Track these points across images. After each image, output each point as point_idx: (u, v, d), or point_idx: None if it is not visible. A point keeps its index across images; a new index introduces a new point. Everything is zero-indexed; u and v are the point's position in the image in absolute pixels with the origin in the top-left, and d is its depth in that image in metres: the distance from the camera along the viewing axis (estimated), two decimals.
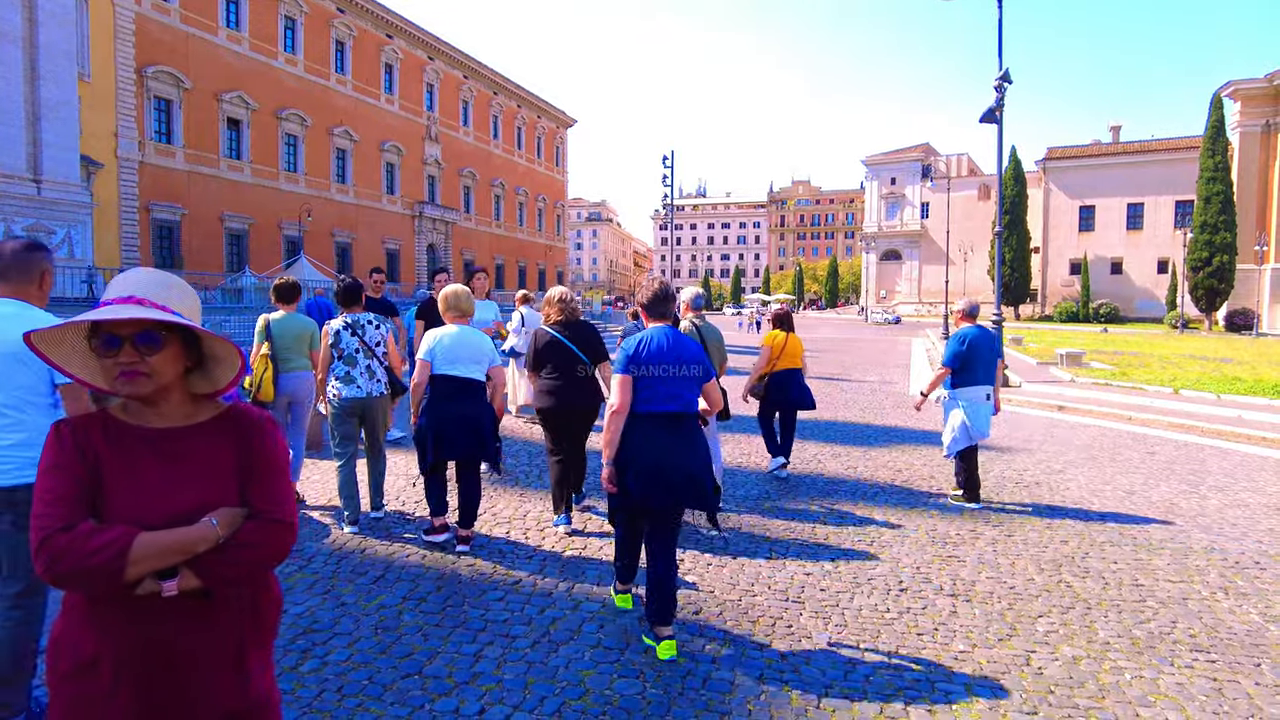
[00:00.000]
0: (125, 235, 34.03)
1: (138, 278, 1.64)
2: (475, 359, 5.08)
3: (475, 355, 5.08)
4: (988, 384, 6.51)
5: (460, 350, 5.03)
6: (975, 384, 6.48)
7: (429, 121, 54.91)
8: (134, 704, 1.56)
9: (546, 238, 72.30)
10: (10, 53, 25.27)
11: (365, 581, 4.53)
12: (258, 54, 41.29)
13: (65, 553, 1.46)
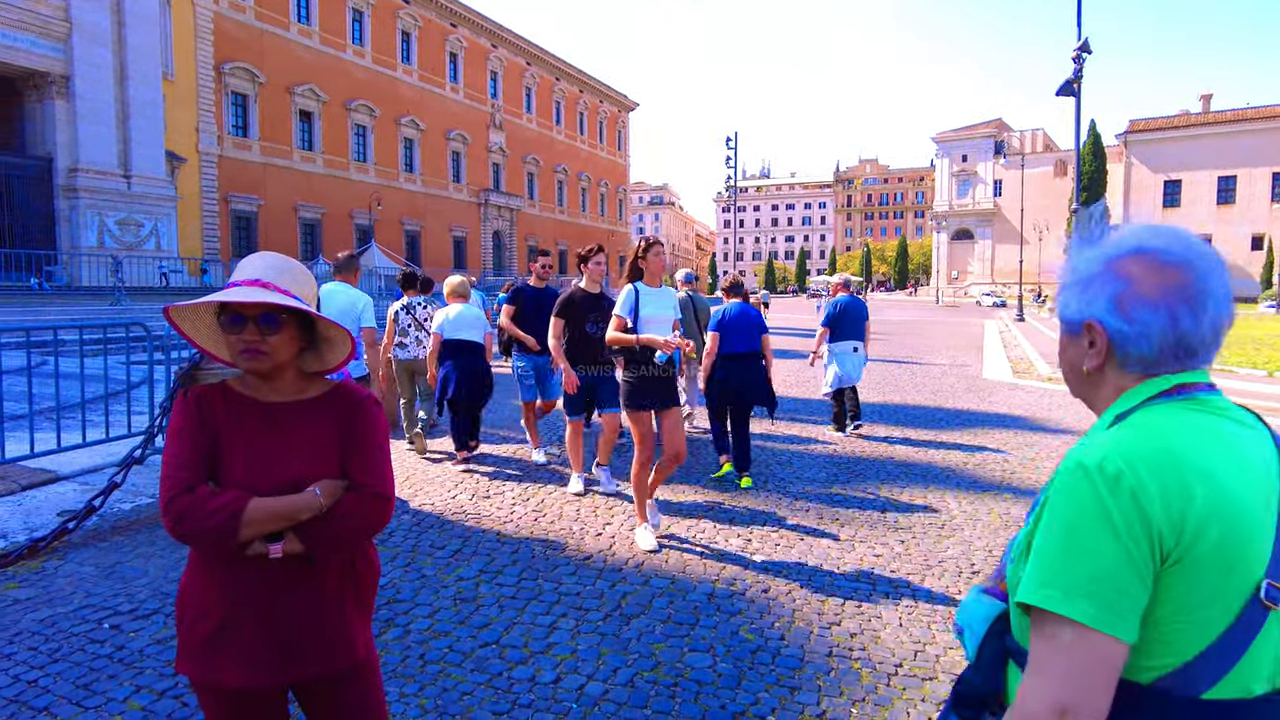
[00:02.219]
0: (206, 226, 35.48)
1: (264, 262, 1.75)
2: (473, 327, 6.89)
3: (473, 324, 6.90)
4: (855, 340, 8.55)
5: (461, 322, 6.85)
6: (845, 339, 8.52)
7: (493, 109, 55.53)
8: (244, 655, 1.69)
9: (609, 222, 72.52)
10: (102, 55, 26.53)
11: (444, 555, 4.70)
12: (327, 47, 42.39)
13: (187, 513, 1.59)
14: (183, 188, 32.72)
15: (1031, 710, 0.97)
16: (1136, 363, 1.10)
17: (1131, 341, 1.09)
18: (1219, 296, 1.08)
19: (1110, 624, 0.95)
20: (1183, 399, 1.08)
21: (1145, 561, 0.96)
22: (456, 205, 52.51)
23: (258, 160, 38.57)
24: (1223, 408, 1.10)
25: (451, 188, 52.16)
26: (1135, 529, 0.95)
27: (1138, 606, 0.96)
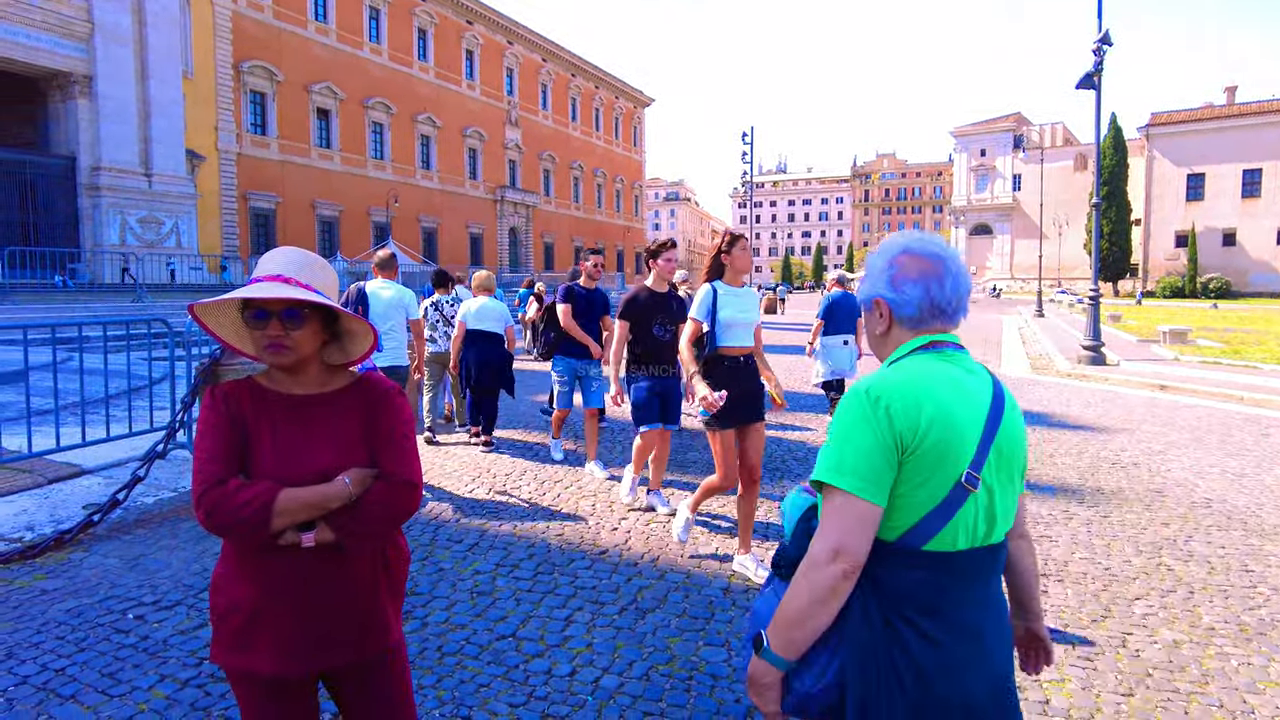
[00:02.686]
0: (226, 224, 35.79)
1: (286, 257, 1.77)
2: (495, 319, 7.41)
3: (496, 317, 7.42)
4: (847, 333, 8.90)
5: (484, 314, 7.39)
6: (836, 333, 8.90)
7: (509, 106, 55.65)
8: (277, 642, 1.72)
9: (625, 218, 72.53)
10: (123, 55, 26.79)
11: (461, 549, 4.74)
12: (344, 45, 42.61)
13: (219, 505, 1.62)
14: (202, 186, 33.03)
15: (817, 552, 1.42)
16: (907, 323, 1.59)
17: (901, 307, 1.58)
18: (957, 276, 1.59)
19: (869, 493, 1.40)
20: (933, 351, 1.56)
21: (891, 453, 1.41)
22: (473, 202, 52.70)
23: (276, 158, 38.87)
24: (959, 359, 1.57)
25: (468, 185, 52.34)
26: (885, 432, 1.41)
27: (886, 483, 1.41)
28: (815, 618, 1.43)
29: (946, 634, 1.44)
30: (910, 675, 1.42)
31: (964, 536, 1.45)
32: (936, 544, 1.44)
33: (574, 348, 6.63)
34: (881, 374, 1.52)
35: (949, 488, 1.43)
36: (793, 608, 1.45)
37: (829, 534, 1.41)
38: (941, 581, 1.46)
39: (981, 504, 1.47)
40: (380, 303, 6.17)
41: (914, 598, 1.45)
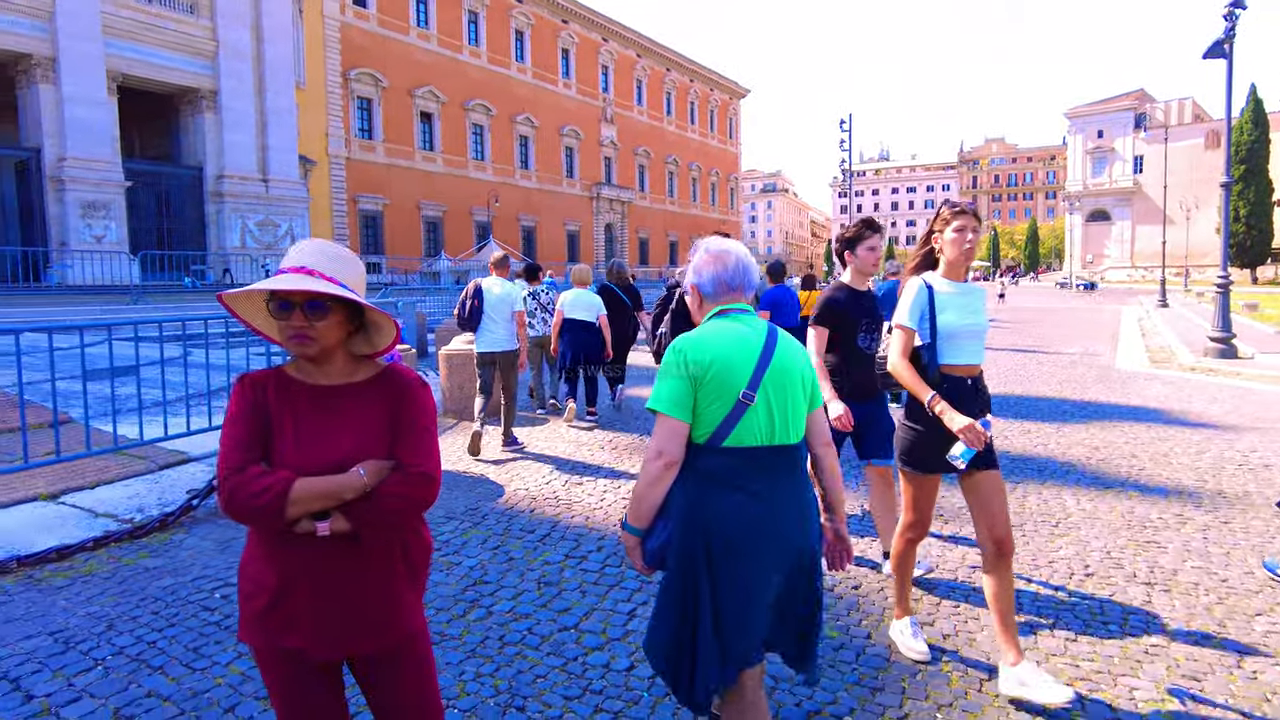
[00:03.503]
0: (337, 226, 37.59)
1: (310, 249, 1.78)
2: (588, 308, 8.26)
3: (589, 306, 8.27)
4: None
5: (579, 304, 8.27)
6: None
7: (604, 103, 56.17)
8: (298, 626, 1.74)
9: (720, 212, 72.08)
10: (243, 69, 28.52)
11: (532, 539, 4.78)
12: (445, 49, 43.99)
13: (236, 491, 1.65)
14: (314, 189, 34.80)
15: (648, 453, 2.11)
16: (709, 299, 2.27)
17: (702, 287, 2.27)
18: (738, 265, 2.24)
19: (677, 413, 2.09)
20: (725, 316, 2.22)
21: (689, 384, 2.08)
22: (569, 200, 53.49)
23: (382, 161, 40.53)
24: (743, 319, 2.21)
25: (565, 183, 53.16)
26: (684, 372, 2.08)
27: (688, 405, 2.08)
28: (649, 497, 2.14)
29: (740, 501, 2.11)
30: (709, 525, 2.10)
31: (751, 436, 2.12)
32: (732, 440, 2.11)
33: None
34: (689, 334, 2.20)
35: (732, 404, 2.10)
36: (636, 492, 2.16)
37: (655, 441, 2.12)
38: (737, 466, 2.12)
39: (761, 414, 2.13)
40: (493, 296, 7.17)
41: (717, 477, 2.12)
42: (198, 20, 27.36)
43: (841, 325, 4.15)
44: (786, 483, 2.17)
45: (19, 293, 18.72)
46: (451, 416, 8.65)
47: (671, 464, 2.09)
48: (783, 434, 2.16)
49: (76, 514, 5.04)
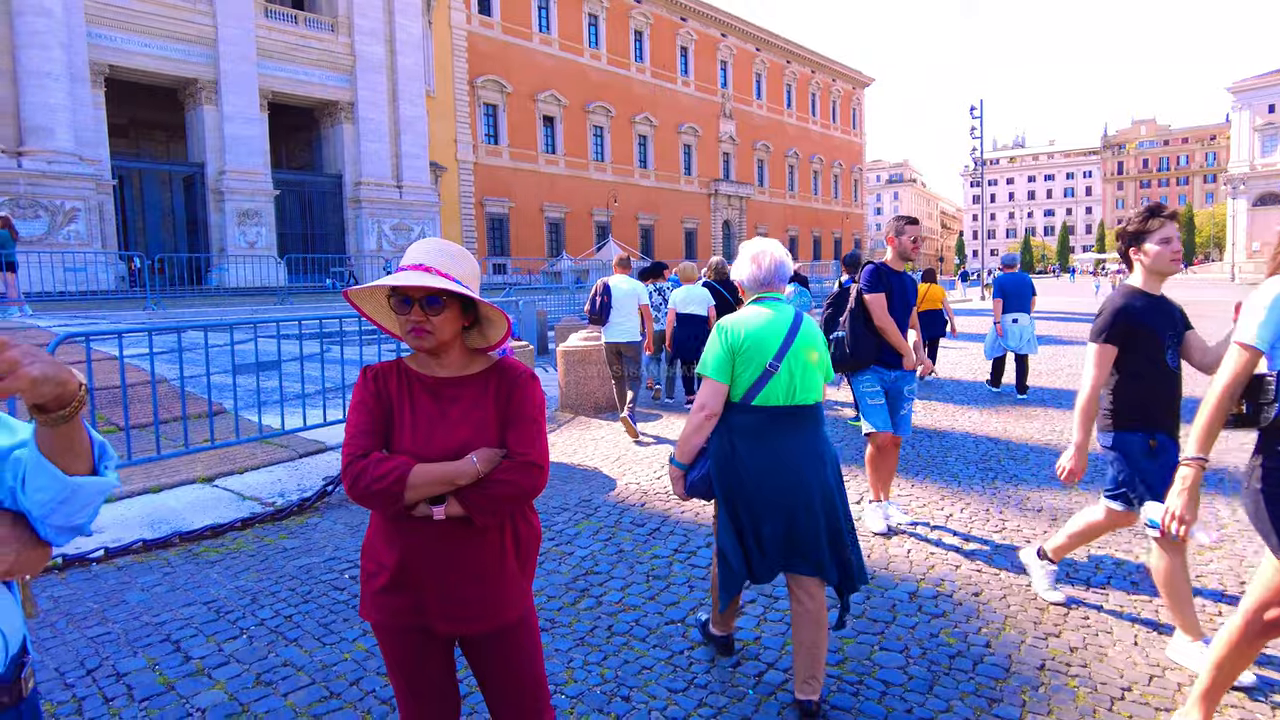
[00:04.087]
0: (465, 228, 39.17)
1: (427, 247, 1.87)
2: (699, 303, 8.52)
3: (700, 301, 8.53)
4: (1018, 311, 9.53)
5: (690, 299, 8.54)
6: (1007, 311, 9.55)
7: (723, 99, 55.87)
8: (412, 604, 1.84)
9: (843, 204, 70.27)
10: (377, 81, 30.13)
11: (642, 533, 4.82)
12: (566, 53, 44.95)
13: (360, 476, 1.76)
14: (444, 194, 36.39)
15: (694, 406, 2.80)
16: (750, 291, 2.95)
17: (745, 283, 2.95)
18: (772, 264, 2.89)
19: (719, 376, 2.77)
20: (761, 302, 2.90)
21: (729, 355, 2.76)
22: (687, 197, 53.56)
23: (507, 165, 41.91)
24: (774, 304, 2.88)
25: (683, 180, 53.27)
26: (726, 345, 2.76)
27: (728, 371, 2.77)
28: (692, 440, 2.85)
29: (761, 447, 2.77)
30: (738, 464, 2.78)
31: (774, 398, 2.78)
32: (759, 400, 2.78)
33: (887, 354, 4.77)
34: (732, 315, 2.90)
35: (760, 371, 2.77)
36: (683, 435, 2.86)
37: (701, 397, 2.81)
38: (762, 421, 2.79)
39: (783, 380, 2.78)
40: (620, 292, 8.01)
41: (746, 429, 2.80)
42: (337, 38, 29.13)
43: (1139, 340, 3.25)
44: (802, 435, 2.81)
45: (185, 295, 20.55)
46: (568, 411, 8.85)
47: (712, 415, 2.81)
48: (801, 396, 2.82)
49: (228, 496, 5.50)
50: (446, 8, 37.81)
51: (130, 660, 3.29)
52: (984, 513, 5.09)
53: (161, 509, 5.22)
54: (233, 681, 3.10)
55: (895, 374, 4.80)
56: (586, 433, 7.88)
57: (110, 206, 23.51)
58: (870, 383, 4.82)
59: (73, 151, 22.09)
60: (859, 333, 4.75)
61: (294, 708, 2.91)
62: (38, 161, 21.43)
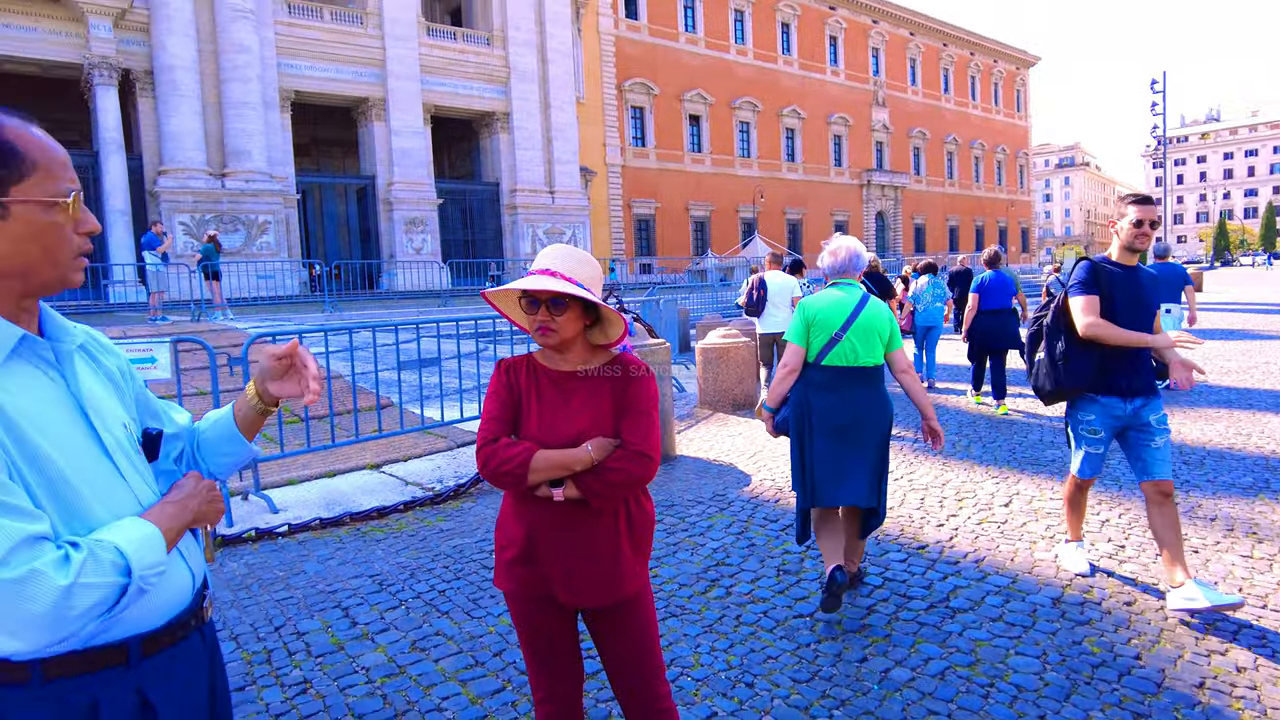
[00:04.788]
0: (614, 230, 40.17)
1: (555, 254, 2.05)
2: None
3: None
4: (1169, 302, 8.80)
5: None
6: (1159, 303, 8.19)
7: (875, 87, 54.09)
8: (536, 575, 2.02)
9: (1007, 191, 66.19)
10: (530, 90, 31.46)
11: (775, 528, 4.85)
12: (712, 50, 45.05)
13: (489, 459, 1.96)
14: (593, 198, 37.45)
15: (780, 364, 3.74)
16: (830, 276, 3.74)
17: (827, 271, 3.74)
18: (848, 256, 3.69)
19: (799, 341, 3.63)
20: (834, 286, 3.70)
21: (805, 326, 3.62)
22: (837, 189, 52.29)
23: (654, 166, 42.55)
24: (845, 287, 3.68)
25: (833, 172, 52.07)
26: (803, 318, 3.63)
27: (804, 338, 3.63)
28: (779, 389, 3.65)
29: (828, 397, 3.57)
30: (810, 410, 3.59)
31: (840, 359, 3.56)
32: (828, 361, 3.56)
33: (1117, 375, 3.63)
34: (811, 295, 3.73)
35: (828, 338, 3.54)
36: (773, 385, 3.67)
37: (785, 356, 3.64)
38: (830, 377, 3.58)
39: (847, 347, 3.54)
40: (774, 287, 8.55)
41: (818, 382, 3.60)
42: (493, 51, 30.67)
43: None
44: (863, 389, 3.61)
45: (359, 298, 22.37)
46: (707, 407, 8.96)
47: (793, 371, 3.65)
48: (862, 360, 3.59)
49: (393, 481, 6.02)
50: (595, 14, 38.87)
51: (308, 621, 3.72)
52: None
53: (335, 492, 5.81)
54: (392, 646, 3.44)
55: (1135, 403, 3.62)
56: (724, 429, 7.96)
57: (295, 219, 25.97)
58: (1093, 421, 3.72)
59: (265, 170, 24.57)
60: (1067, 351, 3.67)
61: (443, 672, 3.19)
62: (237, 181, 24.00)
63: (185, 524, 1.23)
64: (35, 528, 1.00)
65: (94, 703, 1.11)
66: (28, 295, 1.16)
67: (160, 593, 1.18)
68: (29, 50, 21.90)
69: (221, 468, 1.50)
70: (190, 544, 1.31)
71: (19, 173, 1.10)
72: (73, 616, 1.00)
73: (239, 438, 1.48)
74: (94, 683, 1.12)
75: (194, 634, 1.28)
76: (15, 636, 0.99)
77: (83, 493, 1.12)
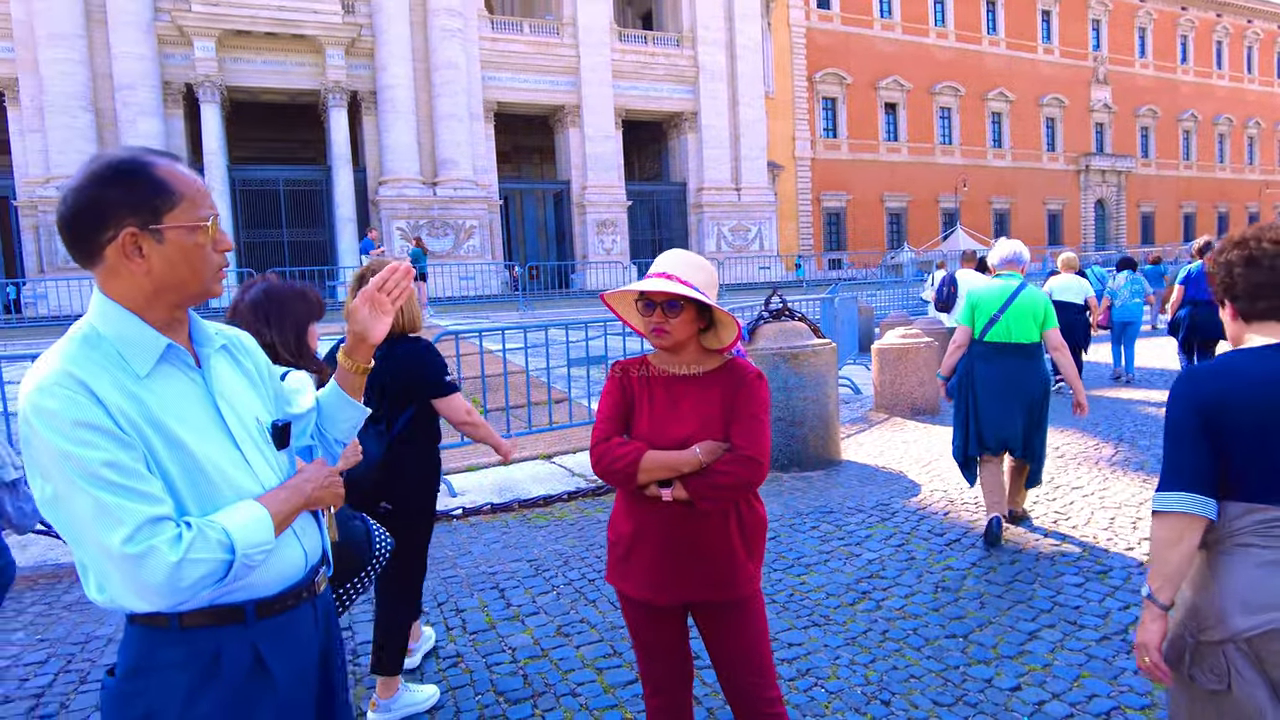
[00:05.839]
0: (802, 225, 39.40)
1: (673, 259, 2.10)
2: (1076, 292, 8.97)
3: (1076, 290, 9.00)
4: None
5: (1068, 288, 8.88)
6: None
7: (1095, 63, 49.11)
8: (646, 571, 2.06)
9: (1261, 171, 57.66)
10: (718, 89, 31.58)
11: (939, 543, 4.60)
12: (909, 35, 42.88)
13: (601, 457, 2.04)
14: (780, 193, 36.92)
15: (951, 342, 4.83)
16: (997, 268, 4.84)
17: (996, 264, 4.88)
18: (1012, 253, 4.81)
19: (965, 322, 4.72)
20: (999, 276, 4.76)
21: (970, 309, 4.71)
22: (1050, 176, 48.06)
23: (845, 158, 41.24)
24: (1006, 277, 4.70)
25: (1045, 158, 47.94)
26: (970, 302, 4.75)
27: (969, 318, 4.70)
28: (949, 360, 4.76)
29: (989, 367, 4.55)
30: (974, 377, 4.60)
31: (997, 336, 4.52)
32: (989, 338, 4.54)
33: None
34: (978, 284, 5.84)
35: (989, 319, 4.54)
36: (945, 357, 4.79)
37: (955, 335, 4.74)
38: (990, 351, 4.56)
39: (1003, 326, 4.50)
40: (965, 285, 8.44)
41: (979, 354, 4.60)
42: (682, 51, 31.08)
43: None
44: (1017, 360, 4.45)
45: (553, 297, 23.59)
46: (882, 411, 8.60)
47: (960, 346, 4.69)
48: (1018, 337, 4.51)
49: (560, 472, 6.34)
50: (785, 7, 38.27)
51: (468, 600, 4.02)
52: None
53: (508, 479, 6.20)
54: (539, 629, 3.64)
55: None
56: (899, 434, 7.61)
57: (498, 223, 27.77)
58: None
59: (471, 178, 26.47)
60: None
61: (582, 659, 3.34)
62: (446, 189, 26.04)
63: (298, 507, 1.40)
64: (157, 510, 1.20)
65: (217, 652, 1.32)
66: (180, 305, 1.37)
67: (271, 566, 1.36)
68: (282, 81, 25.06)
69: (343, 431, 1.70)
70: (308, 525, 1.49)
71: (170, 203, 1.30)
72: (183, 586, 1.19)
73: (348, 400, 1.66)
74: (217, 635, 1.32)
75: (305, 604, 1.46)
76: (140, 599, 1.20)
77: (213, 477, 1.31)
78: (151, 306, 1.32)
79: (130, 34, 22.48)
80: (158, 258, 1.30)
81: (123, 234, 1.26)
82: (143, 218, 1.27)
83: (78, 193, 1.26)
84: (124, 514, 1.16)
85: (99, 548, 1.18)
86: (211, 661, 1.31)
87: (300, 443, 1.63)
